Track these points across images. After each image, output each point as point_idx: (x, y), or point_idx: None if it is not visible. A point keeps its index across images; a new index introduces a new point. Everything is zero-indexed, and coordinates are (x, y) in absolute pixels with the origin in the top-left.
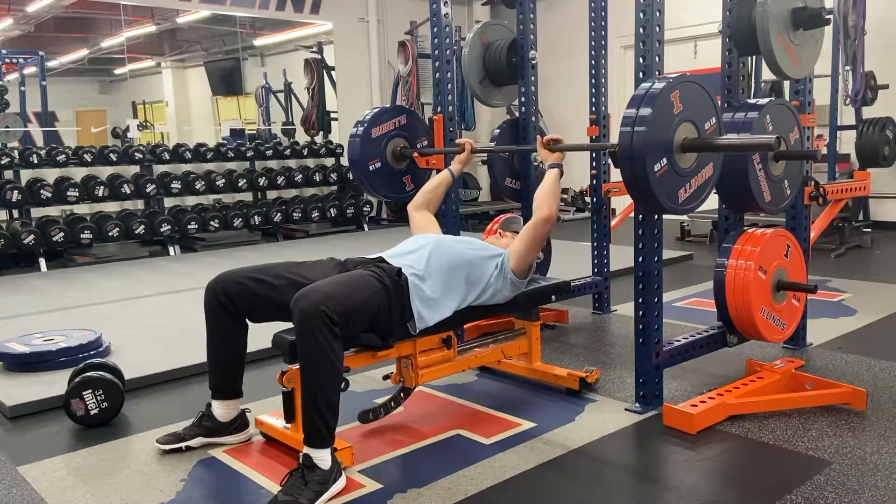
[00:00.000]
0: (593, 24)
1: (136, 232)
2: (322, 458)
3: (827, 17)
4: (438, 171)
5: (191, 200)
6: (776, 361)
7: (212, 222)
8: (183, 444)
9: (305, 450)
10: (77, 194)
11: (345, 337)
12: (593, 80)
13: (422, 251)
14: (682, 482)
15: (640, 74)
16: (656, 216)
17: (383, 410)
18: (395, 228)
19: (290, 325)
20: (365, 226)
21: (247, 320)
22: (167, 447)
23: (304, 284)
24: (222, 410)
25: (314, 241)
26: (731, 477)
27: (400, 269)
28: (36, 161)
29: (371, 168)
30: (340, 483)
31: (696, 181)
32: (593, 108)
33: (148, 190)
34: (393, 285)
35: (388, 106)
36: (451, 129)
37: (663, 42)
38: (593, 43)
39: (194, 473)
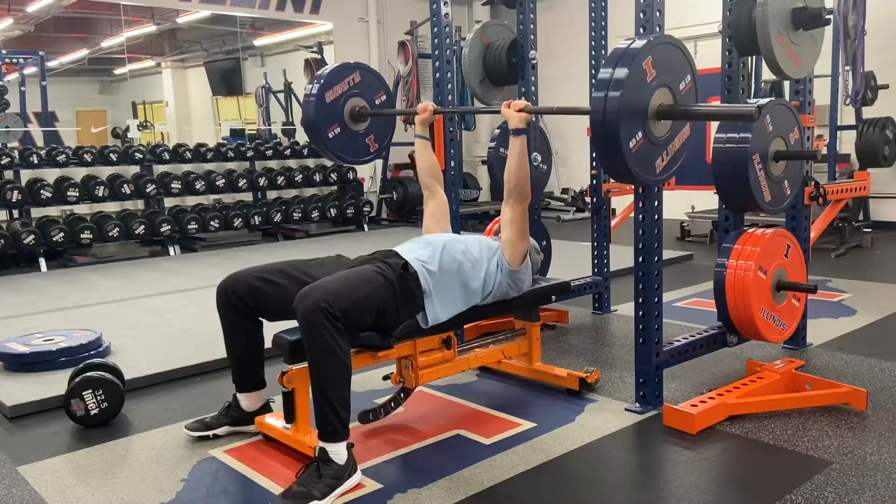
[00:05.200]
0: (593, 24)
1: (136, 232)
2: (337, 452)
3: (827, 17)
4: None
5: (191, 200)
6: (776, 361)
7: (212, 222)
8: (210, 433)
9: (321, 444)
10: (77, 194)
11: (350, 332)
12: (593, 81)
13: (433, 248)
14: (682, 482)
15: None
16: (656, 216)
17: (383, 411)
18: (396, 228)
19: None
20: (365, 226)
21: (260, 319)
22: (195, 434)
23: (310, 283)
24: (248, 402)
25: (314, 241)
26: (731, 477)
27: (406, 262)
28: (36, 161)
29: (331, 136)
30: (355, 478)
31: (672, 148)
32: None
33: (148, 190)
34: (398, 280)
35: (338, 65)
36: (451, 129)
37: None
38: (593, 43)
39: (194, 473)
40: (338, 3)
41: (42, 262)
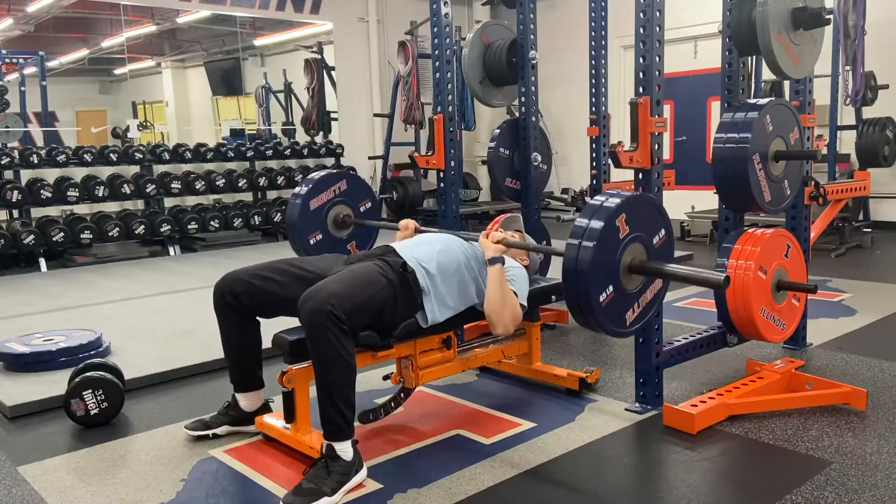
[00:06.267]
0: (593, 24)
1: (136, 232)
2: (344, 449)
3: (827, 17)
4: (439, 171)
5: (191, 200)
6: (776, 361)
7: (212, 222)
8: (210, 432)
9: (327, 442)
10: (77, 194)
11: (352, 332)
12: (593, 80)
13: (431, 247)
14: (682, 482)
15: (640, 74)
16: None
17: (383, 411)
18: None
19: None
20: None
21: (257, 318)
22: (195, 433)
23: (308, 278)
24: (246, 402)
25: None
26: (731, 477)
27: (405, 262)
28: (36, 161)
29: (312, 242)
30: (362, 474)
31: (643, 300)
32: (593, 108)
33: (148, 190)
34: (398, 279)
35: (325, 173)
36: (451, 129)
37: (663, 42)
38: (593, 43)
39: (194, 473)
40: (338, 3)
41: (42, 262)
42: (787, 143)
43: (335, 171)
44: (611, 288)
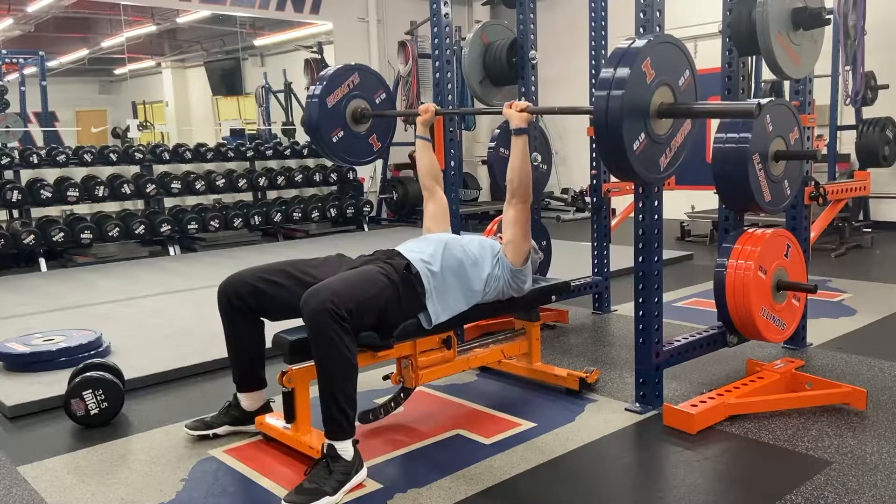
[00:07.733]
0: (593, 24)
1: (136, 232)
2: (345, 448)
3: (827, 17)
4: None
5: (191, 200)
6: (776, 361)
7: (212, 222)
8: (210, 432)
9: (328, 441)
10: (77, 194)
11: (354, 331)
12: (593, 80)
13: (435, 247)
14: (682, 482)
15: None
16: (656, 216)
17: (383, 411)
18: (396, 228)
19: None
20: (365, 226)
21: (262, 319)
22: (195, 433)
23: (312, 283)
24: (248, 402)
25: (314, 241)
26: (731, 477)
27: (409, 262)
28: (36, 161)
29: (335, 140)
30: (362, 474)
31: (674, 144)
32: None
33: (148, 190)
34: (401, 279)
35: (338, 67)
36: (451, 129)
37: None
38: (593, 43)
39: (194, 473)
40: (338, 3)
41: (42, 262)
42: (787, 143)
43: (348, 64)
44: (643, 135)
